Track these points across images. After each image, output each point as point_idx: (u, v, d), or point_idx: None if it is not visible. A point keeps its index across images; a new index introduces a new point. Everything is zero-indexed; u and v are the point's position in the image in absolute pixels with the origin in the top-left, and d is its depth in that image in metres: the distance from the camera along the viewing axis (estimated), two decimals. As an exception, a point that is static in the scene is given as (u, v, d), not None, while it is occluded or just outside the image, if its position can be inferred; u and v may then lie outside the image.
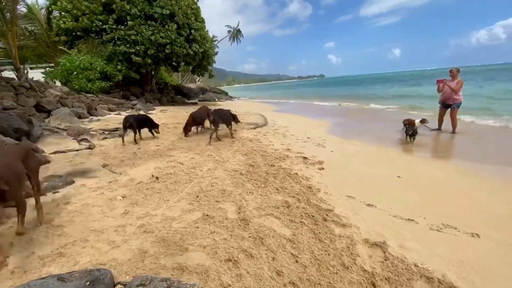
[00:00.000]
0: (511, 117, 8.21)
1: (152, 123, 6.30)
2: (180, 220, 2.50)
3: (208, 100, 22.51)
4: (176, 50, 14.04)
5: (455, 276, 1.82)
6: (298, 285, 1.70)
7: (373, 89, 29.63)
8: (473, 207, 2.91)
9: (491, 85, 22.14)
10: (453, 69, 6.72)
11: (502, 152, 5.07)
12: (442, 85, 6.83)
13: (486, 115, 8.85)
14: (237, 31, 50.77)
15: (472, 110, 9.60)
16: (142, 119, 6.17)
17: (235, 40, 51.82)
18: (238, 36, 51.45)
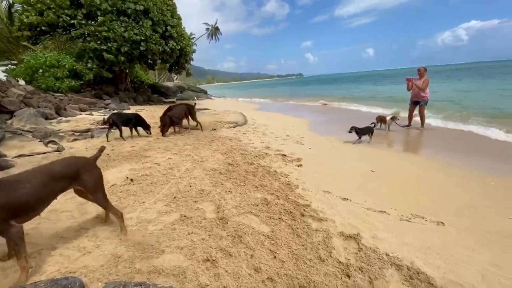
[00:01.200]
0: (474, 112, 8.88)
1: (142, 123, 6.25)
2: (156, 222, 2.43)
3: (186, 99, 22.02)
4: (151, 47, 13.57)
5: (422, 262, 1.93)
6: (276, 280, 1.72)
7: (350, 88, 30.60)
8: (439, 198, 3.12)
9: (458, 83, 23.75)
10: (421, 68, 7.14)
11: (465, 146, 5.46)
12: (410, 84, 7.23)
13: (453, 110, 9.49)
14: (215, 28, 50.17)
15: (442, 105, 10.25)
16: (129, 117, 6.16)
17: (213, 38, 51.19)
18: (217, 34, 50.87)
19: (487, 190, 3.31)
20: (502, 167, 4.07)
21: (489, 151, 5.01)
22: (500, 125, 6.55)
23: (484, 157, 4.64)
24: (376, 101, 15.11)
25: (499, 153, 4.86)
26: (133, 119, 6.17)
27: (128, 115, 6.35)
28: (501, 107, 9.51)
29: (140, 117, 6.33)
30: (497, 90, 15.19)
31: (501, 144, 5.40)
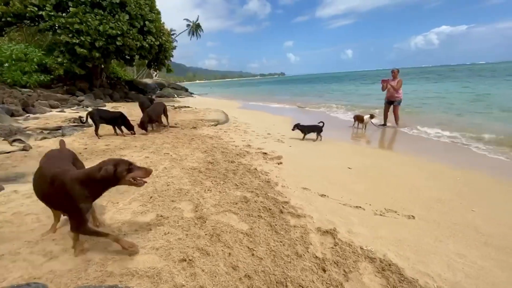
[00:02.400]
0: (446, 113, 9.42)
1: (125, 123, 6.07)
2: (131, 224, 2.34)
3: (166, 96, 21.48)
4: (128, 42, 13.07)
5: (394, 255, 2.02)
6: (253, 277, 1.72)
7: (330, 88, 31.32)
8: (410, 193, 3.27)
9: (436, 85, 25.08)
10: (394, 70, 7.47)
11: (435, 143, 5.78)
12: (385, 84, 7.54)
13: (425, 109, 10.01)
14: (196, 25, 49.26)
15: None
16: (114, 115, 5.99)
17: (194, 35, 50.28)
18: (198, 31, 49.99)
19: (454, 184, 3.53)
20: (468, 164, 4.36)
21: (450, 149, 5.34)
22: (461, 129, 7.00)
23: (452, 155, 4.94)
24: (353, 99, 15.61)
25: (459, 151, 5.19)
26: (117, 118, 5.99)
27: (112, 113, 6.16)
28: (465, 110, 10.18)
29: (123, 116, 6.12)
30: (460, 93, 16.24)
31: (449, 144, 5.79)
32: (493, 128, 6.55)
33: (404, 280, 1.73)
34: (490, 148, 5.13)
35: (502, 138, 5.68)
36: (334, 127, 8.03)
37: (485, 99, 12.48)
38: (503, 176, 3.79)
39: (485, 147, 5.19)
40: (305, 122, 6.41)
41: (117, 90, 16.90)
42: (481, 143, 5.47)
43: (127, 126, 6.11)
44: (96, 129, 5.70)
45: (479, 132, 6.25)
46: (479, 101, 11.93)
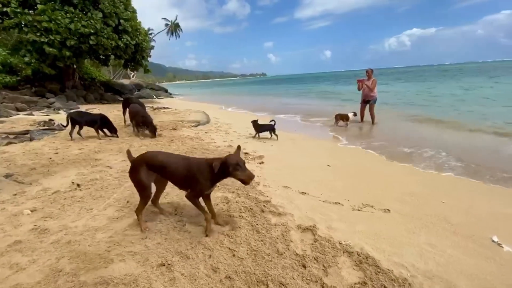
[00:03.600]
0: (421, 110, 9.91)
1: (109, 125, 5.86)
2: (106, 230, 2.24)
3: (144, 97, 20.84)
4: (102, 41, 12.52)
5: (371, 248, 2.09)
6: (234, 278, 1.70)
7: (312, 87, 31.91)
8: (386, 188, 3.41)
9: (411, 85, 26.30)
10: (368, 70, 7.78)
11: (409, 140, 6.07)
12: (361, 84, 7.82)
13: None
14: (175, 25, 48.27)
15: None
16: (94, 118, 5.75)
17: (173, 35, 49.25)
18: (177, 31, 49.00)
19: (425, 178, 3.72)
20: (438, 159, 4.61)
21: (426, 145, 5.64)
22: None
23: (426, 150, 5.20)
24: (332, 98, 16.03)
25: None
26: (98, 120, 5.77)
27: (93, 115, 5.93)
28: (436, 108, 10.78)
29: (105, 118, 5.88)
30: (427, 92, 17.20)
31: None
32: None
33: (380, 272, 1.79)
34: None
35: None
36: (316, 125, 8.20)
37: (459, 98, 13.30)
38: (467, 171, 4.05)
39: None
40: (286, 121, 6.48)
41: (92, 92, 16.14)
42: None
43: (109, 128, 5.88)
44: (79, 131, 5.55)
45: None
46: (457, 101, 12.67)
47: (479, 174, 3.87)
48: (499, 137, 5.87)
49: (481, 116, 8.22)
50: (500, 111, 9.01)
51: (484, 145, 5.42)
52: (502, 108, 9.55)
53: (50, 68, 12.32)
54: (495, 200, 3.06)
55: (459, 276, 1.82)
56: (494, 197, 3.17)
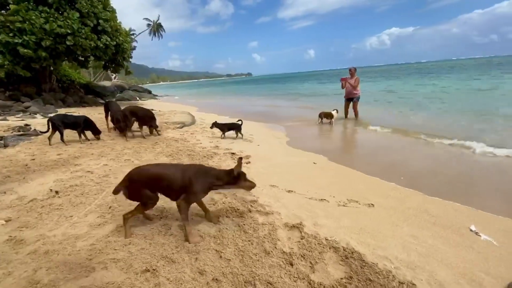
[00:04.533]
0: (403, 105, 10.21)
1: (92, 127, 5.71)
2: (87, 237, 2.16)
3: (127, 99, 20.30)
4: (80, 42, 12.06)
5: (356, 242, 2.13)
6: (221, 280, 1.68)
7: (297, 87, 32.19)
8: (370, 183, 3.49)
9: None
10: (351, 68, 7.96)
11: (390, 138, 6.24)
12: (344, 83, 7.99)
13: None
14: (157, 25, 47.30)
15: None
16: (76, 120, 5.60)
17: (156, 35, 48.25)
18: (159, 31, 48.06)
19: (406, 173, 3.83)
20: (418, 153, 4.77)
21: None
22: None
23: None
24: (319, 98, 16.26)
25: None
26: (81, 122, 5.60)
27: (75, 117, 5.75)
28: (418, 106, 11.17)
29: (89, 120, 5.71)
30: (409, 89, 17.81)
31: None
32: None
33: (365, 266, 1.83)
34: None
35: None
36: (301, 124, 8.28)
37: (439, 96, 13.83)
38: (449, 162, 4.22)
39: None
40: (272, 121, 6.50)
41: (71, 94, 15.54)
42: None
43: (93, 130, 5.73)
44: (62, 136, 5.33)
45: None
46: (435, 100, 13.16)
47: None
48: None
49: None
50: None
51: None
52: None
53: (25, 70, 11.74)
54: (474, 191, 3.21)
55: (440, 265, 1.89)
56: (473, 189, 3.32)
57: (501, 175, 3.64)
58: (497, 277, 1.79)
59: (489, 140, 4.98)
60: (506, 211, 2.68)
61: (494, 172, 3.78)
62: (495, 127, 6.16)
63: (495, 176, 3.63)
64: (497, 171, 3.78)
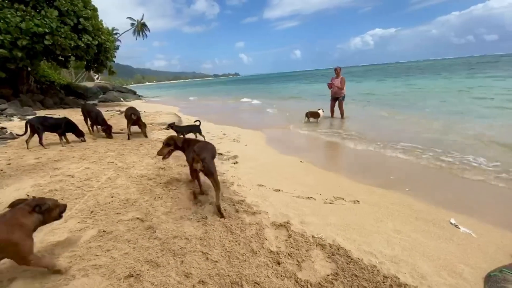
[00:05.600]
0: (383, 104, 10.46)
1: (75, 129, 5.52)
2: (66, 244, 2.07)
3: (111, 100, 19.75)
4: (59, 41, 11.59)
5: (342, 239, 2.15)
6: (207, 282, 1.66)
7: (284, 87, 32.38)
8: (355, 179, 3.54)
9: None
10: (337, 68, 8.12)
11: (380, 134, 6.38)
12: (331, 85, 8.18)
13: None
14: (141, 24, 46.28)
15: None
16: (57, 122, 5.36)
17: (140, 34, 47.18)
18: (144, 30, 47.03)
19: (391, 169, 3.93)
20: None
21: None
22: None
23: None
24: (303, 97, 16.43)
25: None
26: (62, 124, 5.38)
27: (56, 119, 5.49)
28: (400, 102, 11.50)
29: (71, 122, 5.51)
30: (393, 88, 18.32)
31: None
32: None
33: (351, 262, 1.85)
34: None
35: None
36: (288, 122, 8.33)
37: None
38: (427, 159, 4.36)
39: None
40: (259, 121, 6.49)
41: (51, 96, 14.91)
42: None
43: (76, 132, 5.55)
44: (40, 139, 5.08)
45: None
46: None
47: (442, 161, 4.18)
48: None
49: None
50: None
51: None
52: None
53: (0, 71, 11.17)
54: (454, 186, 3.33)
55: (422, 258, 1.94)
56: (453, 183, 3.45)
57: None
58: (476, 267, 1.87)
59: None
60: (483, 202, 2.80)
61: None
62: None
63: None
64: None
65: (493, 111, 7.77)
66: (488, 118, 6.92)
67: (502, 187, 3.20)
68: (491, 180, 3.38)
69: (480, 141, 4.97)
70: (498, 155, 4.20)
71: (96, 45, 13.40)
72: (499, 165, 3.79)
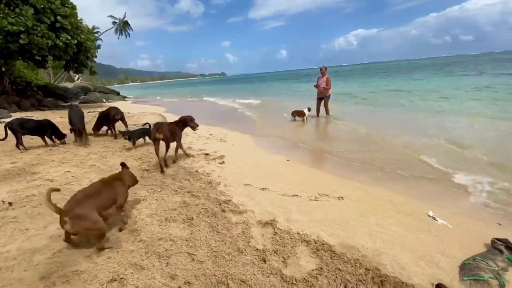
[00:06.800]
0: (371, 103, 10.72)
1: (56, 131, 5.33)
2: (46, 250, 2.00)
3: (93, 101, 19.13)
4: (36, 40, 11.10)
5: (326, 234, 2.20)
6: (193, 283, 1.65)
7: (270, 86, 32.55)
8: (340, 176, 3.63)
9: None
10: (322, 68, 8.28)
11: (362, 130, 6.55)
12: (317, 85, 8.34)
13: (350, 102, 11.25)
14: (124, 23, 45.04)
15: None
16: (39, 124, 5.18)
17: (123, 33, 45.90)
18: (126, 29, 45.80)
19: (374, 164, 4.05)
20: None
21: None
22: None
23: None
24: (290, 96, 16.60)
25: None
26: (46, 126, 5.21)
27: (37, 121, 5.28)
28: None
29: (52, 124, 5.32)
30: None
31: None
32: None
33: (335, 256, 1.90)
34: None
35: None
36: (275, 122, 8.38)
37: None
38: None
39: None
40: (246, 121, 6.48)
41: (27, 97, 14.26)
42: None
43: (58, 134, 5.35)
44: (17, 142, 4.90)
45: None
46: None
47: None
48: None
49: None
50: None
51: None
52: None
53: (-30, 72, 10.58)
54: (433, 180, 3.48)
55: (402, 250, 2.02)
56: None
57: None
58: (452, 257, 1.96)
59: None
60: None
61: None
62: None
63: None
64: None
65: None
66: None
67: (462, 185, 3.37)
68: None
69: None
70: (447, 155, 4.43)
71: (75, 44, 12.94)
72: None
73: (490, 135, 5.44)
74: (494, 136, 5.30)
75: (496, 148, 4.51)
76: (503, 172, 3.53)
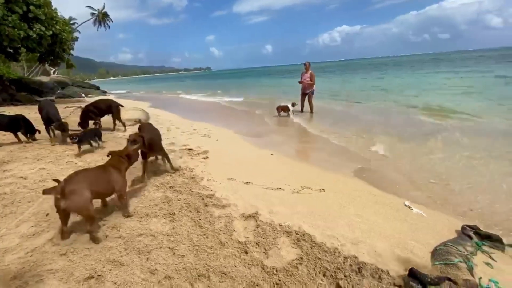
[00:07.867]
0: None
1: (29, 126, 5.01)
2: (18, 250, 1.91)
3: (71, 96, 18.30)
4: (6, 31, 10.41)
5: (307, 225, 2.25)
6: (173, 277, 1.64)
7: (257, 81, 32.43)
8: (321, 169, 3.70)
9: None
10: (306, 63, 8.38)
11: (344, 125, 6.68)
12: (302, 82, 8.41)
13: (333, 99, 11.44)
14: (103, 14, 43.17)
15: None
16: (11, 119, 4.89)
17: (102, 25, 44.02)
18: (106, 20, 43.95)
19: (354, 158, 4.16)
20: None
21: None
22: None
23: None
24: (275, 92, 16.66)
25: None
26: (19, 121, 4.91)
27: (10, 116, 4.99)
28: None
29: (25, 119, 5.01)
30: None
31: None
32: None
33: (315, 246, 1.95)
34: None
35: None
36: (261, 118, 8.39)
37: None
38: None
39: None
40: (232, 117, 6.45)
41: (-2, 92, 13.41)
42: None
43: (30, 130, 5.07)
44: None
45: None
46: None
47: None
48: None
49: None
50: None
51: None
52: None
53: None
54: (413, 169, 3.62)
55: (379, 238, 2.10)
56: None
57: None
58: (425, 243, 2.06)
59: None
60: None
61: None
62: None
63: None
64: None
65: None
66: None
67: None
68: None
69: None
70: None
71: (50, 36, 12.25)
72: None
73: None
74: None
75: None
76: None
